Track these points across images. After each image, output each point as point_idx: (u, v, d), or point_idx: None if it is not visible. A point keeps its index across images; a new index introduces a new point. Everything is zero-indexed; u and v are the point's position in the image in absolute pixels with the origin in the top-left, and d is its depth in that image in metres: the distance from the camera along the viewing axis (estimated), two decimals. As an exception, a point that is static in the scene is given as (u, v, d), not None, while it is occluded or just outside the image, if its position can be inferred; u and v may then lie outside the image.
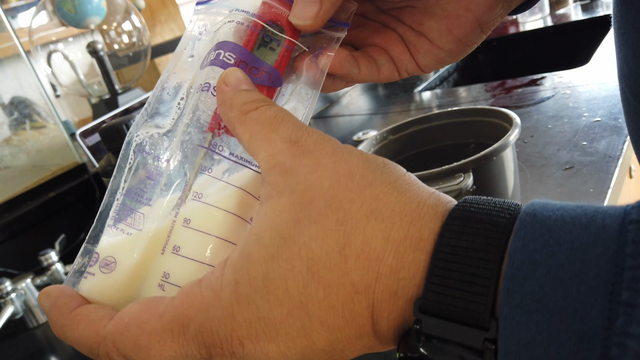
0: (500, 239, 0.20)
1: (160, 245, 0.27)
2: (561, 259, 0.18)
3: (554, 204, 0.20)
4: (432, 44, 0.32)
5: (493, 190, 0.55)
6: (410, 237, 0.21)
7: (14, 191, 0.97)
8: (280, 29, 0.28)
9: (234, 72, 0.27)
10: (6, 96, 1.07)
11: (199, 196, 0.27)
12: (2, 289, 0.80)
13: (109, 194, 0.29)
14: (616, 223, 0.18)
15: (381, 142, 0.68)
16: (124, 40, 1.21)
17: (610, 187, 0.65)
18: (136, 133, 0.29)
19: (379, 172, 0.23)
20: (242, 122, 0.25)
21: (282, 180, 0.23)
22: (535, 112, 0.97)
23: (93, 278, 0.27)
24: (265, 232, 0.22)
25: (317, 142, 0.23)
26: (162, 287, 0.26)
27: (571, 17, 1.57)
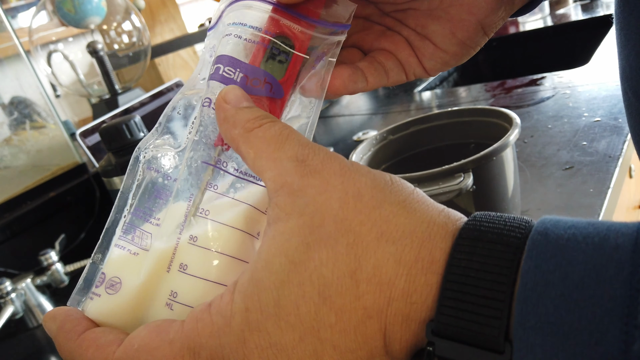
0: (513, 260, 0.19)
1: (167, 263, 0.26)
2: (575, 280, 0.18)
3: (565, 222, 0.20)
4: (437, 47, 0.32)
5: (493, 190, 0.55)
6: (422, 260, 0.21)
7: (14, 191, 0.97)
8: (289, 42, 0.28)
9: (233, 89, 0.26)
10: (6, 96, 1.07)
11: (205, 213, 0.27)
12: (2, 288, 0.80)
13: (115, 210, 0.28)
14: (630, 243, 0.18)
15: (381, 142, 0.68)
16: (124, 40, 1.21)
17: (610, 187, 0.65)
18: (145, 149, 0.29)
19: (388, 191, 0.23)
20: (246, 140, 0.24)
21: (290, 202, 0.22)
22: (535, 112, 0.97)
23: (99, 299, 0.27)
24: (275, 258, 0.22)
25: (324, 161, 0.23)
26: (170, 306, 0.26)
27: (571, 17, 1.57)
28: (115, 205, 0.28)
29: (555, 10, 1.69)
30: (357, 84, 0.30)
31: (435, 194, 0.51)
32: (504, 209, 0.57)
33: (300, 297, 0.21)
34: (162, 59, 1.48)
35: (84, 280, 0.28)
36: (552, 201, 0.66)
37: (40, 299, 0.85)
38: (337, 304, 0.21)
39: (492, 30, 0.32)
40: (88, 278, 0.28)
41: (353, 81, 0.30)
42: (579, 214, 0.61)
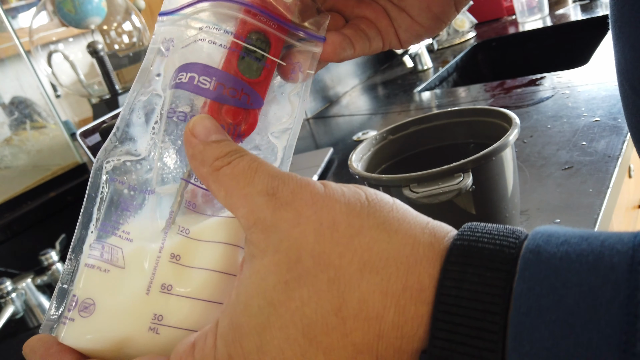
0: (505, 287, 0.19)
1: (143, 283, 0.25)
2: (570, 304, 0.17)
3: (557, 236, 0.19)
4: (413, 20, 0.33)
5: (492, 190, 0.55)
6: (410, 288, 0.20)
7: (14, 191, 0.97)
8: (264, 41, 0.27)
9: (201, 120, 0.25)
10: (7, 96, 1.07)
11: (185, 231, 0.26)
12: (3, 288, 0.80)
13: (80, 227, 0.27)
14: (625, 262, 0.17)
15: (381, 142, 0.68)
16: (124, 40, 1.21)
17: (610, 186, 0.65)
18: (106, 160, 0.27)
19: (365, 214, 0.21)
20: (215, 179, 0.24)
21: (264, 238, 0.22)
22: (534, 112, 0.97)
23: (73, 324, 0.25)
24: (253, 300, 0.21)
25: (295, 192, 0.22)
26: (154, 330, 0.24)
27: (570, 17, 1.58)
28: (79, 222, 0.27)
29: (554, 11, 1.70)
30: (345, 51, 0.30)
31: (435, 193, 0.51)
32: (503, 209, 0.57)
33: (284, 341, 0.20)
34: (162, 59, 1.48)
35: (54, 305, 0.26)
36: (552, 201, 0.66)
37: (40, 298, 0.85)
38: (324, 344, 0.20)
39: (463, 6, 0.33)
40: (58, 302, 0.26)
41: (342, 48, 0.30)
42: (578, 213, 0.61)
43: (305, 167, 1.06)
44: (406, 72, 1.60)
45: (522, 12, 1.68)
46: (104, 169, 0.27)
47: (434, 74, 1.49)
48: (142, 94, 0.28)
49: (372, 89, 1.57)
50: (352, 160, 0.63)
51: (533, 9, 1.66)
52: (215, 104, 0.26)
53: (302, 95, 0.29)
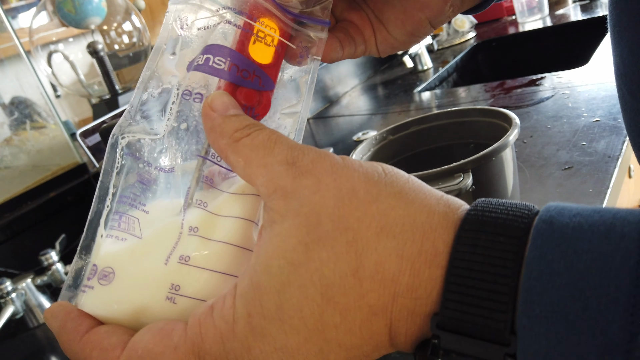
0: (517, 251, 0.19)
1: (162, 253, 0.25)
2: (580, 269, 0.17)
3: (570, 209, 0.19)
4: (389, 34, 0.34)
5: (492, 190, 0.55)
6: (425, 252, 0.21)
7: (14, 191, 0.97)
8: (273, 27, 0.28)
9: (219, 96, 0.26)
10: (7, 96, 1.07)
11: (204, 205, 0.26)
12: (3, 288, 0.80)
13: (97, 200, 0.27)
14: (636, 232, 0.17)
15: (381, 142, 0.68)
16: (124, 40, 1.21)
17: (610, 187, 0.65)
18: (121, 135, 0.28)
19: (382, 183, 0.22)
20: (234, 149, 0.24)
21: (284, 204, 0.22)
22: (534, 112, 0.97)
23: (92, 292, 0.26)
24: (273, 260, 0.21)
25: (315, 161, 0.23)
26: (172, 299, 0.25)
27: (570, 18, 1.58)
28: (96, 196, 0.27)
29: (554, 11, 1.70)
30: (336, 52, 0.32)
31: (435, 193, 0.51)
32: (503, 209, 0.57)
33: (303, 300, 0.21)
34: (162, 59, 1.48)
35: (73, 276, 0.27)
36: (552, 201, 0.66)
37: (40, 298, 0.85)
38: (341, 304, 0.21)
39: (440, 25, 0.34)
40: (77, 273, 0.27)
41: (333, 49, 0.32)
42: (578, 213, 0.62)
43: (305, 167, 1.06)
44: (406, 72, 1.60)
45: (522, 12, 1.68)
46: (119, 144, 0.27)
47: (434, 74, 1.49)
48: (156, 73, 0.28)
49: (372, 89, 1.57)
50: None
51: (533, 9, 1.66)
52: (230, 85, 0.26)
53: (310, 82, 0.29)
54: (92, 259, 0.27)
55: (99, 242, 0.27)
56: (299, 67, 0.30)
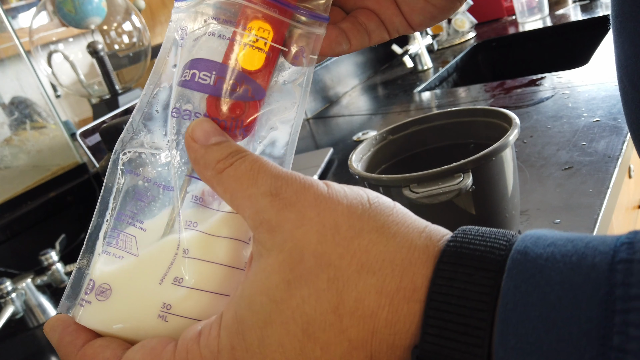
0: (493, 285, 0.20)
1: (158, 272, 0.26)
2: (553, 300, 0.18)
3: (545, 239, 0.20)
4: (427, 2, 0.31)
5: (492, 190, 0.55)
6: (404, 289, 0.21)
7: (14, 191, 0.97)
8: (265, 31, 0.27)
9: (200, 124, 0.25)
10: (7, 96, 1.07)
11: (193, 225, 0.27)
12: (3, 288, 0.80)
13: (97, 214, 0.28)
14: (606, 262, 0.18)
15: (381, 142, 0.68)
16: (124, 40, 1.21)
17: (610, 187, 0.65)
18: (122, 151, 0.28)
19: (366, 217, 0.22)
20: (219, 181, 0.24)
21: (269, 238, 0.23)
22: (534, 112, 0.97)
23: (90, 306, 0.27)
24: (257, 297, 0.22)
25: (298, 192, 0.23)
26: (163, 317, 0.26)
27: (570, 18, 1.58)
28: (96, 210, 0.28)
29: (554, 11, 1.70)
30: (341, 45, 0.30)
31: (435, 194, 0.51)
32: (503, 209, 0.57)
33: (285, 335, 0.22)
34: (162, 59, 1.48)
35: (71, 286, 0.28)
36: (552, 201, 0.66)
37: (40, 298, 0.85)
38: (322, 339, 0.21)
39: None
40: (75, 284, 0.28)
41: (338, 43, 0.30)
42: (578, 214, 0.61)
43: (306, 167, 1.06)
44: (406, 72, 1.60)
45: (522, 13, 1.68)
46: (120, 160, 0.28)
47: (434, 74, 1.49)
48: (158, 86, 0.28)
49: (372, 89, 1.57)
50: (352, 160, 0.63)
51: (533, 9, 1.66)
52: (216, 99, 0.26)
53: (305, 84, 0.29)
54: (90, 273, 0.27)
55: (96, 257, 0.28)
56: (294, 68, 0.28)
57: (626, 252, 0.18)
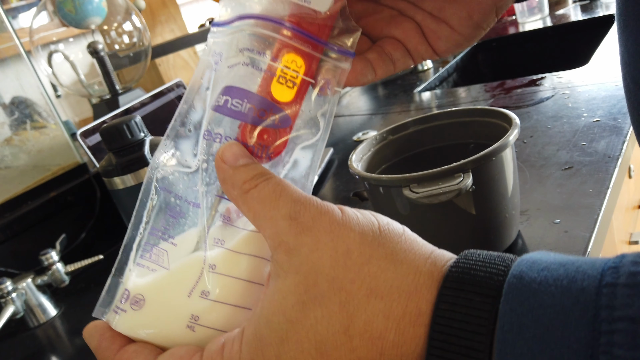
0: (491, 310, 0.21)
1: (186, 286, 0.28)
2: (545, 322, 0.19)
3: (539, 263, 0.21)
4: (453, 30, 0.32)
5: (493, 190, 0.55)
6: (409, 313, 0.23)
7: (14, 191, 0.97)
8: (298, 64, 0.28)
9: (229, 147, 0.28)
10: (7, 96, 1.07)
11: (221, 242, 0.29)
12: (3, 288, 0.80)
13: (131, 227, 0.30)
14: (593, 286, 0.19)
15: (381, 142, 0.68)
16: (125, 40, 1.21)
17: (610, 187, 0.65)
18: (156, 168, 0.30)
19: (376, 244, 0.24)
20: (244, 201, 0.26)
21: (286, 260, 0.25)
22: (534, 112, 0.97)
23: (125, 314, 0.29)
24: (274, 316, 0.24)
25: (315, 217, 0.25)
26: (191, 328, 0.28)
27: (571, 18, 1.58)
28: (131, 223, 0.30)
29: (554, 11, 1.70)
30: (366, 76, 0.32)
31: (435, 194, 0.51)
32: (503, 209, 0.57)
33: (299, 353, 0.24)
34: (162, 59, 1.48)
35: (106, 292, 0.30)
36: (552, 201, 0.66)
37: (40, 298, 0.85)
38: (333, 357, 0.23)
39: (503, 11, 0.33)
40: (110, 291, 0.30)
41: (363, 74, 0.31)
42: (578, 214, 0.62)
43: (306, 167, 1.06)
44: (406, 72, 1.60)
45: (522, 13, 1.68)
46: (154, 177, 0.30)
47: (434, 74, 1.49)
48: (192, 107, 0.30)
49: (372, 89, 1.57)
50: (352, 160, 0.63)
51: (533, 9, 1.66)
52: (246, 126, 0.28)
53: (329, 114, 0.30)
54: (125, 283, 0.30)
55: (130, 268, 0.30)
56: (319, 98, 0.30)
57: (611, 276, 0.19)
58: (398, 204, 0.56)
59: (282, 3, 0.28)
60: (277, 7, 0.28)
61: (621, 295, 0.18)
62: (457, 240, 0.57)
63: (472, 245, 0.58)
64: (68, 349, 0.77)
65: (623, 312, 0.18)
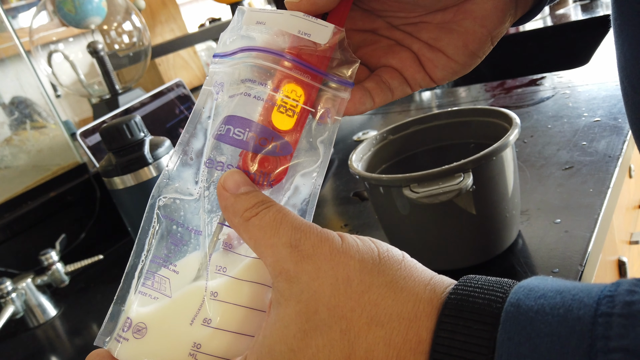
0: (489, 338, 0.21)
1: (188, 314, 0.28)
2: (542, 352, 0.20)
3: (537, 290, 0.22)
4: (449, 59, 0.33)
5: (493, 190, 0.55)
6: (410, 341, 0.23)
7: (14, 191, 0.97)
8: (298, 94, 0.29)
9: (231, 175, 0.28)
10: (7, 96, 1.07)
11: (223, 270, 0.29)
12: (3, 288, 0.80)
13: (133, 255, 0.31)
14: (589, 315, 0.19)
15: (381, 142, 0.68)
16: (125, 40, 1.21)
17: (610, 187, 0.65)
18: (159, 196, 0.30)
19: (375, 272, 0.24)
20: (245, 229, 0.27)
21: (287, 288, 0.25)
22: (535, 112, 0.97)
23: (127, 343, 0.29)
24: (277, 345, 0.24)
25: (315, 245, 0.25)
26: (193, 356, 0.28)
27: (571, 17, 1.58)
28: (133, 251, 0.31)
29: (555, 11, 1.69)
30: (365, 104, 0.32)
31: (435, 193, 0.51)
32: (503, 209, 0.57)
33: None
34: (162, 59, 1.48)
35: (108, 320, 0.30)
36: (552, 201, 0.66)
37: (40, 298, 0.85)
38: None
39: (498, 39, 0.34)
40: (112, 319, 0.30)
41: (362, 103, 0.32)
42: (578, 214, 0.61)
43: (306, 167, 1.06)
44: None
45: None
46: (156, 205, 0.31)
47: (434, 74, 1.49)
48: (193, 136, 0.31)
49: (372, 89, 1.56)
50: (352, 160, 0.62)
51: (533, 9, 1.65)
52: (247, 154, 0.29)
53: (328, 142, 0.31)
54: (126, 311, 0.30)
55: (132, 296, 0.30)
56: (319, 126, 0.31)
57: (607, 306, 0.19)
58: (398, 203, 0.56)
59: (282, 36, 0.29)
60: (278, 40, 0.29)
61: (617, 326, 0.19)
62: (457, 240, 0.57)
63: (472, 245, 0.58)
64: (68, 349, 0.77)
65: (618, 343, 0.18)
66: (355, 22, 0.34)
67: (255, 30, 0.29)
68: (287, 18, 0.28)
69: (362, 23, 0.34)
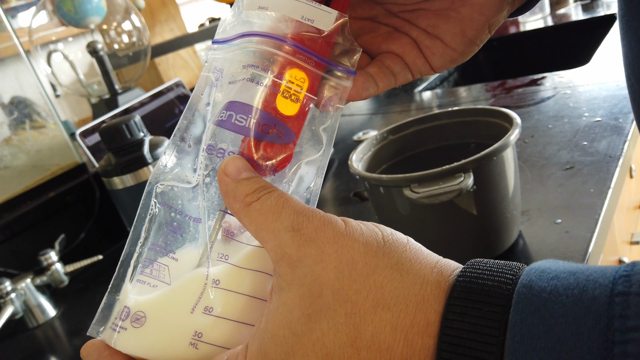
0: (501, 319, 0.21)
1: (189, 302, 0.28)
2: (557, 333, 0.19)
3: (549, 272, 0.21)
4: (447, 46, 0.33)
5: (493, 190, 0.55)
6: (417, 324, 0.22)
7: (14, 191, 0.97)
8: (301, 80, 0.28)
9: (232, 161, 0.27)
10: (6, 96, 1.07)
11: (225, 257, 0.28)
12: (2, 289, 0.80)
13: (129, 243, 0.30)
14: (605, 295, 0.19)
15: (381, 142, 0.68)
16: (124, 40, 1.21)
17: (611, 187, 0.65)
18: (156, 183, 0.30)
19: (380, 254, 0.24)
20: (246, 214, 0.26)
21: (290, 272, 0.24)
22: (535, 112, 0.97)
23: (125, 332, 0.29)
24: (280, 330, 0.24)
25: (318, 229, 0.24)
26: (194, 345, 0.28)
27: (572, 17, 1.57)
28: (128, 239, 0.30)
29: (555, 10, 1.69)
30: (368, 90, 0.32)
31: (436, 194, 0.51)
32: (504, 209, 0.57)
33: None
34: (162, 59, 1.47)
35: (102, 310, 0.30)
36: (553, 201, 0.66)
37: (40, 299, 0.85)
38: None
39: (495, 28, 0.33)
40: (106, 309, 0.30)
41: (365, 88, 0.31)
42: (579, 214, 0.61)
43: (306, 167, 1.05)
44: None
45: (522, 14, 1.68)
46: (153, 192, 0.30)
47: (434, 73, 1.49)
48: (192, 123, 0.30)
49: (372, 89, 1.56)
50: (353, 160, 0.62)
51: (534, 8, 1.66)
52: (250, 141, 0.28)
53: (331, 130, 0.30)
54: (123, 300, 0.29)
55: (128, 285, 0.29)
56: (321, 114, 0.30)
57: (623, 285, 0.19)
58: (398, 203, 0.56)
59: (284, 21, 0.28)
60: (280, 26, 0.28)
61: (634, 305, 0.18)
62: (457, 240, 0.57)
63: (473, 245, 0.57)
64: (67, 350, 0.77)
65: (636, 322, 0.18)
66: (355, 9, 0.34)
67: (257, 16, 0.29)
68: (290, 3, 0.28)
69: (361, 10, 0.34)
